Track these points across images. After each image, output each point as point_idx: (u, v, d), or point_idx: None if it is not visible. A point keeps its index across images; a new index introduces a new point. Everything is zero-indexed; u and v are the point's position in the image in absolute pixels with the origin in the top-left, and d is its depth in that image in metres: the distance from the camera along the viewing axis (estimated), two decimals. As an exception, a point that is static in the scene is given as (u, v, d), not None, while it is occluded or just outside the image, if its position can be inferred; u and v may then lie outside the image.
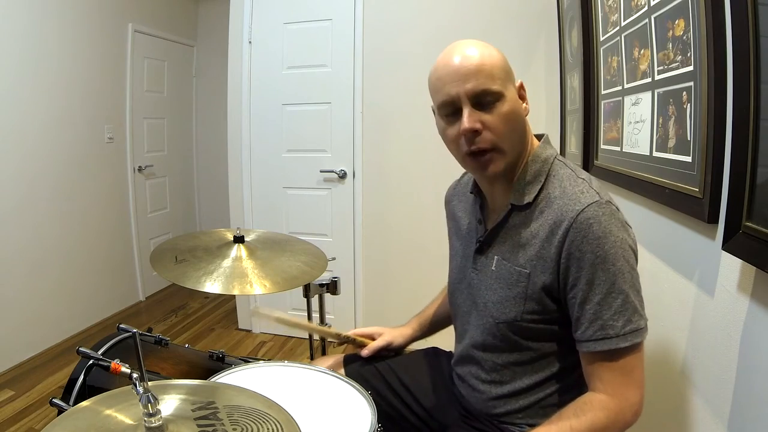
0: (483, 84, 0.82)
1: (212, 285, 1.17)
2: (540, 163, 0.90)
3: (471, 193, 1.02)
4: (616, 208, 0.84)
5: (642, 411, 0.82)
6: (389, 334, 1.23)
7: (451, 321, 1.13)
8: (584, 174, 0.89)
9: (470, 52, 0.84)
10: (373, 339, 1.23)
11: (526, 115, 0.90)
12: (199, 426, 0.65)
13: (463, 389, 1.04)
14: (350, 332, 1.24)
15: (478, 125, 0.83)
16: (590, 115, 1.66)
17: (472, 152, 0.86)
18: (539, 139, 0.95)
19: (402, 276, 2.80)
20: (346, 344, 1.25)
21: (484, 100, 0.83)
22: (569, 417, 0.81)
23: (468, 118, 0.83)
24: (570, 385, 0.91)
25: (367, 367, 1.19)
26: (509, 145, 0.86)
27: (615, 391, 0.80)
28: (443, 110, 0.87)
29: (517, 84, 0.89)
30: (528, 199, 0.88)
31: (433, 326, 1.27)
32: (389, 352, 1.22)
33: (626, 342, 0.79)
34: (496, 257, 0.93)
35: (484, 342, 0.96)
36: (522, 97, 0.90)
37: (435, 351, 1.24)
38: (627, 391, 0.80)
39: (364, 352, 1.19)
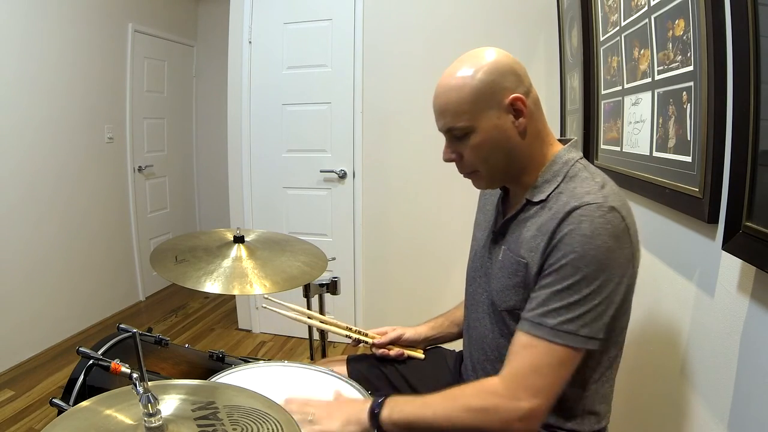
0: (449, 123, 0.89)
1: (212, 285, 1.17)
2: (560, 165, 0.91)
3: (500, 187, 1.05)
4: (623, 217, 0.80)
5: (532, 425, 0.79)
6: (401, 328, 1.22)
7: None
8: (600, 178, 0.88)
9: (442, 88, 0.89)
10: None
11: (522, 130, 0.88)
12: (199, 426, 0.65)
13: (472, 380, 1.04)
14: (368, 331, 1.23)
15: (452, 156, 0.93)
16: (590, 115, 1.66)
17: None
18: (564, 143, 0.95)
19: (402, 276, 2.80)
20: (357, 344, 1.22)
21: (455, 135, 0.90)
22: (462, 389, 0.86)
23: (445, 149, 0.93)
24: (578, 380, 0.90)
25: (371, 368, 1.19)
26: (487, 169, 0.92)
27: (509, 384, 0.80)
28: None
29: (508, 100, 0.86)
30: (542, 196, 0.90)
31: (450, 327, 1.24)
32: (400, 345, 1.20)
33: (557, 338, 0.78)
34: (503, 247, 0.95)
35: (491, 331, 0.98)
36: (518, 111, 0.87)
37: (439, 350, 1.24)
38: (521, 391, 0.78)
39: (377, 351, 1.19)
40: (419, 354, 1.20)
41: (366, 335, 1.21)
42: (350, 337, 1.21)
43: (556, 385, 0.79)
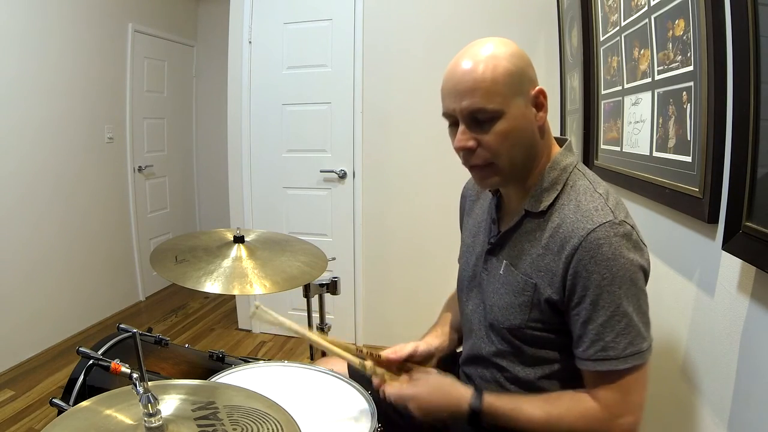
0: (478, 103, 0.80)
1: (212, 285, 1.17)
2: (558, 171, 0.88)
3: (490, 190, 1.01)
4: (632, 226, 0.81)
5: None
6: (413, 343, 1.06)
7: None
8: (602, 188, 0.86)
9: (472, 65, 0.81)
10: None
11: (541, 124, 0.87)
12: (199, 426, 0.65)
13: (468, 385, 1.03)
14: (380, 353, 1.02)
15: (470, 143, 0.83)
16: (590, 115, 1.66)
17: (469, 165, 0.87)
18: (562, 143, 0.92)
19: (402, 276, 2.80)
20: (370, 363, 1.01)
21: (480, 118, 0.82)
22: (562, 407, 0.83)
23: (460, 137, 0.83)
24: (577, 380, 0.91)
25: None
26: (505, 162, 0.85)
27: (609, 408, 0.80)
28: (446, 119, 0.88)
29: (534, 91, 0.84)
30: (542, 207, 0.87)
31: (454, 333, 1.14)
32: (414, 361, 1.04)
33: (626, 364, 0.78)
34: (505, 261, 0.92)
35: (489, 344, 0.96)
36: (539, 105, 0.85)
37: None
38: (620, 411, 0.80)
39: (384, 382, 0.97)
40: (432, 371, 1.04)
41: (378, 357, 1.00)
42: (362, 361, 0.99)
43: (644, 396, 0.81)
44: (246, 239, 1.35)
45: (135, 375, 0.64)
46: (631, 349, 0.78)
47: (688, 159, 0.95)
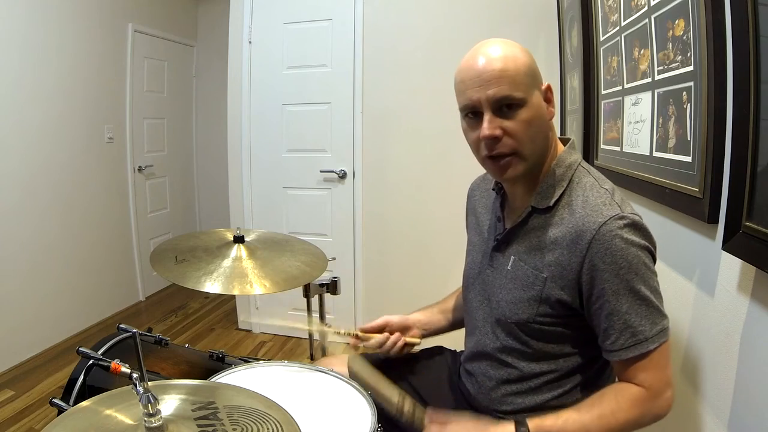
0: (505, 90, 0.82)
1: (212, 285, 1.17)
2: (564, 168, 0.90)
3: (493, 189, 1.03)
4: (639, 217, 0.83)
5: (670, 408, 0.84)
6: (387, 316, 1.16)
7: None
8: (608, 184, 0.89)
9: (495, 55, 0.83)
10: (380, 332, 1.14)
11: (551, 119, 0.90)
12: (199, 426, 0.65)
13: (471, 386, 1.04)
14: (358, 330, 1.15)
15: (498, 132, 0.84)
16: (590, 115, 1.66)
17: (492, 156, 0.87)
18: (564, 143, 0.95)
19: (402, 276, 2.80)
20: (357, 342, 1.14)
21: (505, 107, 0.83)
22: (610, 402, 0.82)
23: (488, 125, 0.84)
24: (581, 385, 0.91)
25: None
26: (530, 150, 0.86)
27: (652, 388, 0.82)
28: (466, 113, 0.88)
29: (544, 86, 0.88)
30: (548, 203, 0.89)
31: (445, 313, 1.21)
32: (389, 331, 1.13)
33: (655, 344, 0.81)
34: (512, 257, 0.93)
35: (494, 340, 0.96)
36: (548, 100, 0.89)
37: (440, 349, 1.24)
38: (661, 388, 0.82)
39: (367, 342, 1.12)
40: (415, 339, 1.15)
41: (357, 335, 1.14)
42: (338, 333, 1.16)
43: (671, 369, 0.84)
44: (246, 239, 1.35)
45: (135, 375, 0.64)
46: (656, 328, 0.81)
47: (688, 159, 0.95)
